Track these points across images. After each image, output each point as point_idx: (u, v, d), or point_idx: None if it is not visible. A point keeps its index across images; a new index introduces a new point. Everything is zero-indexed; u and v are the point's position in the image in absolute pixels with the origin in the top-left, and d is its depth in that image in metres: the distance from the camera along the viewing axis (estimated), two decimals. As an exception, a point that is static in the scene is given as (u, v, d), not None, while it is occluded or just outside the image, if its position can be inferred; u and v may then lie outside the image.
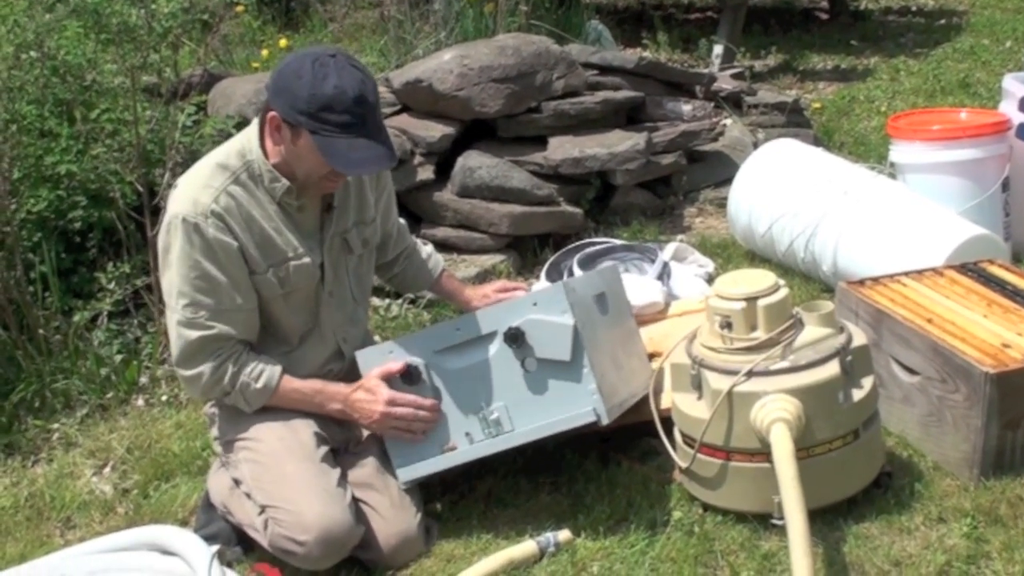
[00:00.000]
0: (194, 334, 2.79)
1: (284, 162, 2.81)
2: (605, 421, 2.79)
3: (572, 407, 2.79)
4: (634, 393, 3.03)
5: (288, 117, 2.72)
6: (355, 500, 2.86)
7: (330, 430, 2.96)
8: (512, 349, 2.79)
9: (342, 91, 2.67)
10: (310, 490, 2.76)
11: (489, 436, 2.85)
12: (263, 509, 2.80)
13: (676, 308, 3.67)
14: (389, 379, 2.86)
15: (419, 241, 3.42)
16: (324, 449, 2.88)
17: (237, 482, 2.91)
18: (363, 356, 2.94)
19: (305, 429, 2.89)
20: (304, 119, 2.69)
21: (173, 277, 2.79)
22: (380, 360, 2.90)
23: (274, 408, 2.90)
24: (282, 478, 2.80)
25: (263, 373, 2.85)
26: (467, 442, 2.87)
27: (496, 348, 2.82)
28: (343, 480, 2.85)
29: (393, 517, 2.86)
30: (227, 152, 2.86)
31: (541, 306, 2.79)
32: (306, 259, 2.89)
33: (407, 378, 2.87)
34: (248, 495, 2.85)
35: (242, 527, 2.88)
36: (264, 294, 2.86)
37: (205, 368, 2.82)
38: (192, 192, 2.79)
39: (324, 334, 2.99)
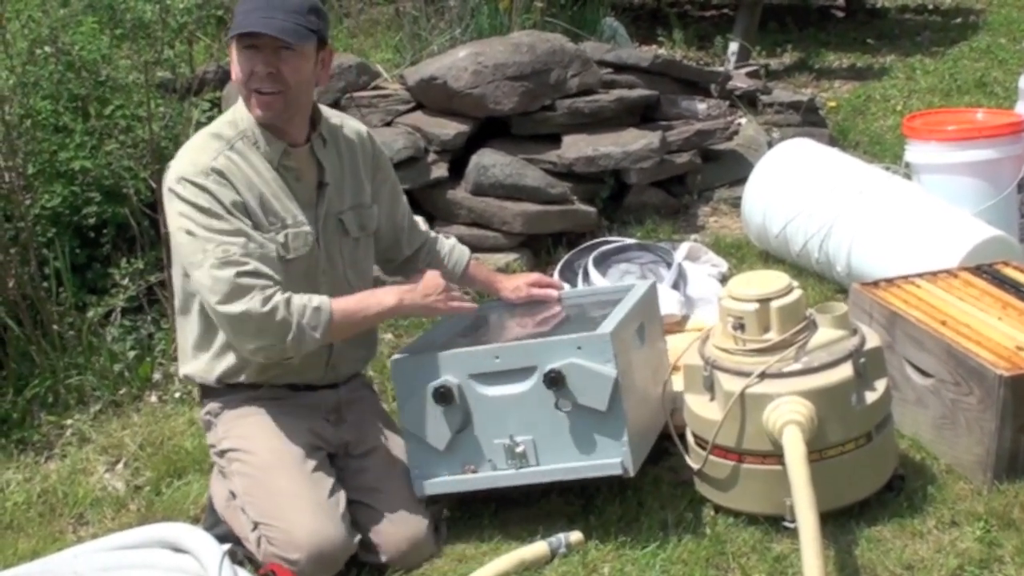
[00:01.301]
0: (230, 271, 2.67)
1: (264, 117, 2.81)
2: (631, 474, 2.78)
3: (601, 455, 2.77)
4: (657, 427, 3.03)
5: (229, 44, 2.79)
6: (362, 505, 2.86)
7: (326, 432, 2.93)
8: (550, 389, 2.76)
9: None
10: (301, 505, 2.74)
11: (512, 467, 2.83)
12: (256, 525, 2.78)
13: (695, 324, 3.65)
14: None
15: (441, 235, 3.36)
16: (317, 458, 2.85)
17: (232, 494, 2.90)
18: (399, 365, 2.89)
19: (298, 437, 2.86)
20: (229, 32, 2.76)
21: (191, 232, 2.71)
22: (417, 373, 2.85)
23: (267, 414, 2.88)
24: (273, 493, 2.78)
25: (312, 298, 2.74)
26: (489, 468, 2.85)
27: (533, 384, 2.78)
28: (336, 489, 2.82)
29: (402, 520, 2.86)
30: (218, 124, 2.87)
31: (585, 351, 2.74)
32: (305, 227, 2.85)
33: (439, 397, 2.83)
34: (242, 509, 2.84)
35: (239, 541, 2.85)
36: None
37: (252, 303, 2.67)
38: (188, 156, 2.79)
39: None
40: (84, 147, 4.24)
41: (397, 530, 2.85)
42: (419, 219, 3.29)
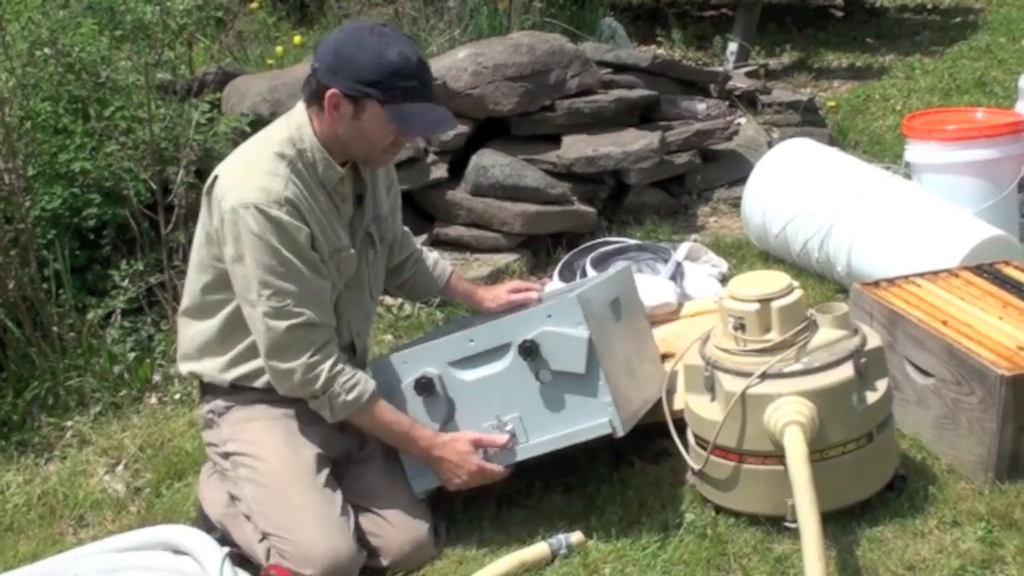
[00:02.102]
0: (283, 324, 2.69)
1: (338, 143, 2.77)
2: (621, 433, 2.79)
3: (587, 419, 2.79)
4: (648, 400, 3.03)
5: (352, 91, 2.68)
6: (362, 509, 2.86)
7: (332, 439, 2.92)
8: (526, 361, 2.79)
9: (407, 57, 2.68)
10: (316, 521, 2.73)
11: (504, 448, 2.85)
12: (265, 536, 2.77)
13: (689, 309, 3.67)
14: (485, 446, 2.84)
15: (424, 248, 3.38)
16: (326, 471, 2.84)
17: (234, 498, 2.88)
18: (377, 367, 2.93)
19: (308, 449, 2.85)
20: (373, 89, 2.67)
21: (250, 269, 2.68)
22: (395, 371, 2.89)
23: (277, 418, 2.86)
24: (286, 505, 2.76)
25: (356, 386, 2.77)
26: (481, 453, 2.86)
27: (510, 360, 2.81)
28: (345, 507, 2.81)
29: (404, 524, 2.86)
30: (279, 141, 2.78)
31: (555, 318, 2.77)
32: (352, 250, 2.86)
33: (421, 389, 2.85)
34: (248, 516, 2.82)
35: (240, 549, 2.83)
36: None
37: (299, 364, 2.71)
38: (259, 180, 2.69)
39: (341, 328, 2.92)
40: (84, 149, 4.23)
41: (398, 533, 2.85)
42: (406, 229, 3.30)
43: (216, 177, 2.77)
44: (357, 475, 2.95)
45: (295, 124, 2.79)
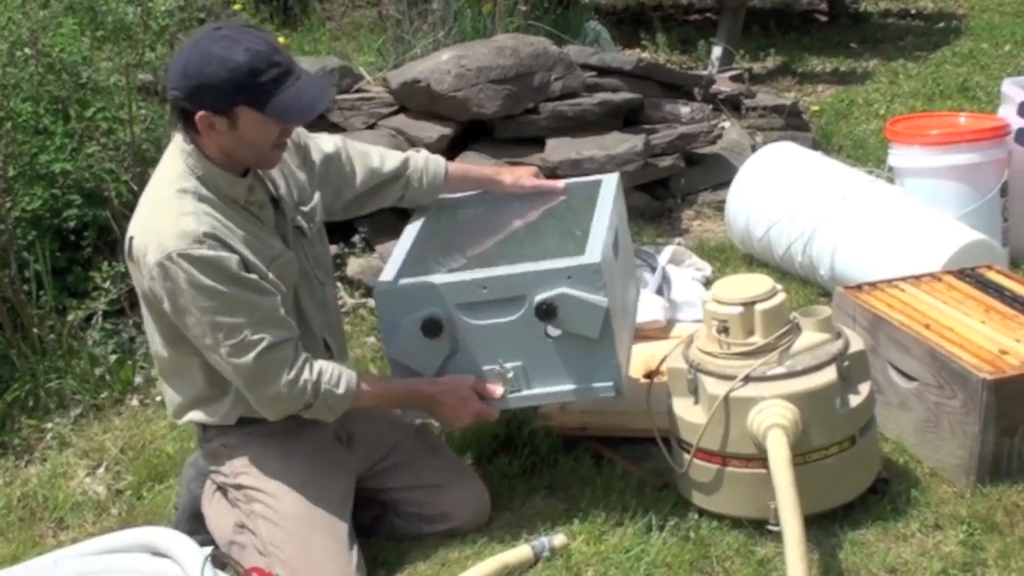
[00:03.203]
0: (248, 357, 2.61)
1: (229, 158, 2.67)
2: (624, 394, 2.80)
3: (592, 380, 2.78)
4: (632, 331, 3.09)
5: (219, 107, 2.58)
6: (414, 487, 2.95)
7: (344, 459, 2.89)
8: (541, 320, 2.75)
9: (256, 51, 2.55)
10: (336, 572, 2.71)
11: (503, 392, 2.83)
12: None
13: (679, 331, 3.65)
14: (482, 394, 2.82)
15: (411, 155, 3.22)
16: (346, 515, 2.81)
17: (242, 526, 2.83)
18: (384, 293, 2.84)
19: (328, 488, 2.80)
20: (239, 96, 2.56)
21: (195, 318, 2.60)
22: (401, 302, 2.81)
23: (291, 453, 2.81)
24: (306, 555, 2.71)
25: (341, 376, 2.73)
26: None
27: (522, 314, 2.75)
28: (360, 561, 2.77)
29: (461, 484, 2.97)
30: (176, 176, 2.65)
31: (575, 280, 2.70)
32: (289, 253, 2.78)
33: (427, 330, 2.79)
34: (260, 552, 2.77)
35: (230, 558, 2.74)
36: None
37: (281, 386, 2.65)
38: (171, 226, 2.58)
39: (312, 330, 2.87)
40: (64, 149, 4.22)
41: (457, 493, 2.94)
42: (385, 155, 3.16)
43: (131, 238, 2.66)
44: (391, 468, 2.96)
45: (183, 155, 2.67)
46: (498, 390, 2.82)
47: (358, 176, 3.06)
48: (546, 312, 2.72)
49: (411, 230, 3.12)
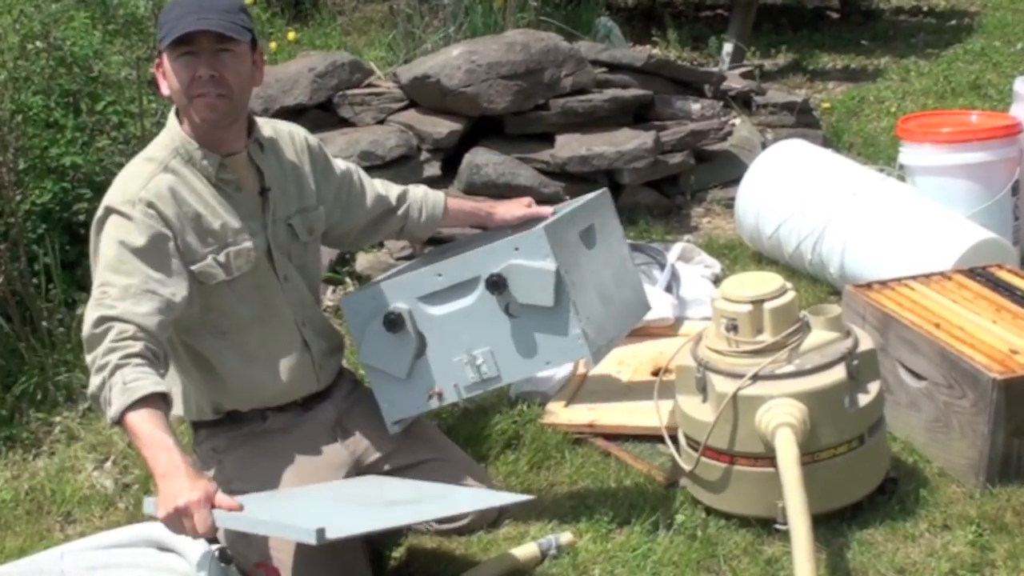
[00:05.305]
0: (94, 314, 2.50)
1: (206, 133, 2.68)
2: (594, 363, 2.83)
3: (559, 351, 2.81)
4: (626, 326, 3.05)
5: (158, 60, 2.68)
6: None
7: (337, 455, 2.86)
8: (494, 296, 2.79)
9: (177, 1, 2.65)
10: None
11: (477, 378, 2.87)
12: None
13: (688, 329, 3.64)
14: (211, 504, 2.35)
15: (411, 189, 3.20)
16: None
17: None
18: (348, 302, 2.94)
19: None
20: (160, 44, 2.64)
21: (97, 268, 2.59)
22: (365, 306, 2.89)
23: (283, 456, 2.78)
24: (306, 555, 2.66)
25: (137, 382, 2.41)
26: (453, 387, 2.88)
27: (479, 294, 2.81)
28: (365, 559, 2.76)
29: (467, 481, 2.93)
30: (152, 147, 2.74)
31: (523, 251, 2.77)
32: (247, 243, 2.73)
33: (390, 326, 2.84)
34: (260, 555, 2.73)
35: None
36: (206, 282, 2.70)
37: (92, 359, 2.49)
38: (120, 184, 2.66)
39: (284, 317, 2.83)
40: (75, 143, 4.22)
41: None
42: (382, 183, 3.15)
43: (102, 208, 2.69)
44: (398, 468, 2.93)
45: (168, 128, 2.75)
46: (232, 503, 2.36)
47: (368, 198, 3.07)
48: (496, 284, 2.76)
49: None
